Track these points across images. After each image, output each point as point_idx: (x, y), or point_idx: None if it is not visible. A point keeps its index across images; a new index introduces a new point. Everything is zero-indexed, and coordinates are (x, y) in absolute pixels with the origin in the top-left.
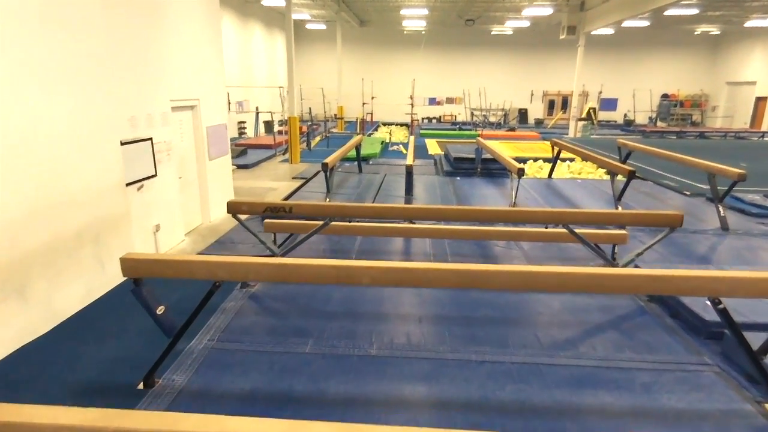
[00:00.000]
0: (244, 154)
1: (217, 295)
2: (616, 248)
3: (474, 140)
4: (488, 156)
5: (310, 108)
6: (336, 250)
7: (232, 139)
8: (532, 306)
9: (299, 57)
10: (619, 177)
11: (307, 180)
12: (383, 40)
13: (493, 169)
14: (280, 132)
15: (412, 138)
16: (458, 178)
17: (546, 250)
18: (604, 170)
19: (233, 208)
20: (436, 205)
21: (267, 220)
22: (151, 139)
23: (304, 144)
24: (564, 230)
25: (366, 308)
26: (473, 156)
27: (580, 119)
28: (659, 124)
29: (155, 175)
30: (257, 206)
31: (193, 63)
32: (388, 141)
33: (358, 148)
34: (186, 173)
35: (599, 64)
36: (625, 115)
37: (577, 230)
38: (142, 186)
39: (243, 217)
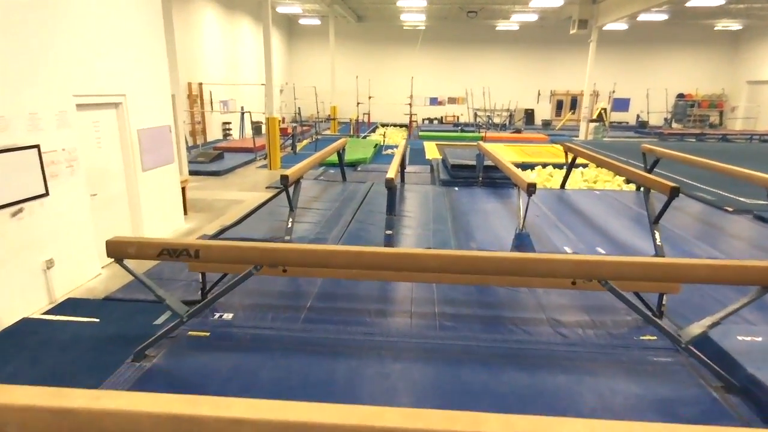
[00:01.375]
0: (220, 158)
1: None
2: (664, 299)
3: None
4: (492, 163)
5: (299, 107)
6: (289, 294)
7: (211, 142)
8: (554, 397)
9: (292, 54)
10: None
11: (280, 191)
12: (382, 37)
13: (496, 179)
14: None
15: (402, 143)
16: (456, 188)
17: (564, 293)
18: (623, 178)
19: (115, 251)
20: (413, 248)
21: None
22: (37, 146)
23: (290, 148)
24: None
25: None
26: (474, 163)
27: (592, 120)
28: (674, 125)
29: (46, 194)
30: (149, 248)
31: (113, 48)
32: (382, 143)
33: (340, 153)
34: (106, 189)
35: (611, 62)
36: (638, 116)
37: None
38: (20, 210)
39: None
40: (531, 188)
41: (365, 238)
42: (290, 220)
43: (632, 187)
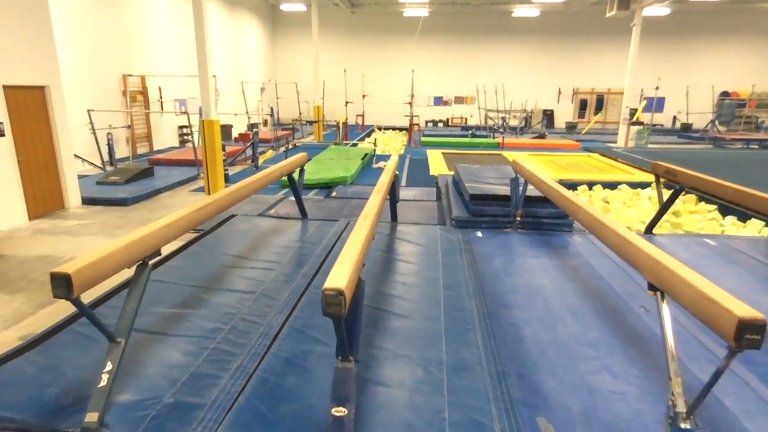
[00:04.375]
0: (146, 176)
1: None
2: None
3: (495, 152)
4: (536, 193)
5: (272, 108)
6: None
7: (160, 151)
8: None
9: (276, 48)
10: None
11: (204, 233)
12: (378, 27)
13: (542, 217)
14: (236, 140)
15: (392, 161)
16: (479, 234)
17: None
18: (713, 207)
19: None
20: None
21: None
22: None
23: (251, 160)
24: None
25: None
26: (506, 191)
27: (633, 123)
28: (719, 128)
29: None
30: None
31: None
32: (373, 153)
33: (291, 178)
34: None
35: (647, 54)
36: (674, 118)
37: None
38: None
39: None
40: (749, 337)
41: (291, 416)
42: (107, 368)
43: (738, 225)
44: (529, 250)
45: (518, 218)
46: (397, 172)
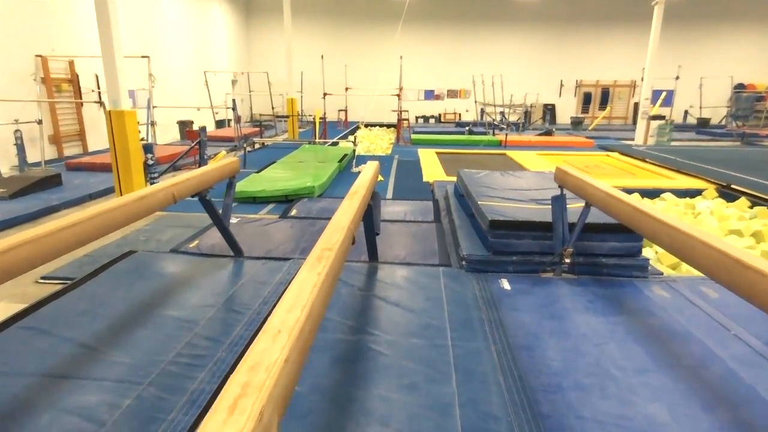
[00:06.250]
0: (50, 186)
1: None
2: None
3: (498, 152)
4: (601, 218)
5: (234, 101)
6: None
7: (98, 152)
8: None
9: (249, 36)
10: None
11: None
12: (361, 13)
13: (600, 256)
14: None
15: (368, 170)
16: (505, 283)
17: None
18: None
19: None
20: None
21: None
22: None
23: (198, 164)
24: None
25: None
26: (543, 215)
27: (654, 118)
28: (737, 123)
29: None
30: None
31: None
32: (353, 153)
33: (207, 201)
34: None
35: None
36: (686, 112)
37: None
38: None
39: None
40: None
41: None
42: None
43: None
44: (596, 320)
45: (567, 258)
46: (381, 178)
